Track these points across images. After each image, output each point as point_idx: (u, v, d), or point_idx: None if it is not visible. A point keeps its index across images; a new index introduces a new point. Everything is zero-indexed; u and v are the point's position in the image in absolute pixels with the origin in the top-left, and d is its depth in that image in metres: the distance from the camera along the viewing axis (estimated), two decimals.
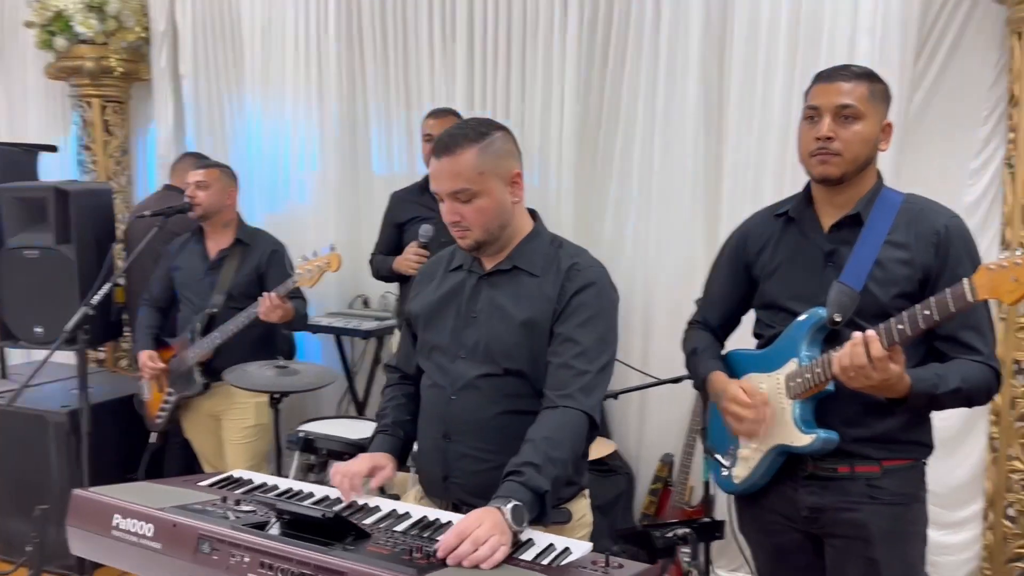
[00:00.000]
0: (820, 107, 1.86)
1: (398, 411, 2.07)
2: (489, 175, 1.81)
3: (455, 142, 1.80)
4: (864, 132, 1.84)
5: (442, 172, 1.82)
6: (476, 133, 1.82)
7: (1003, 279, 1.53)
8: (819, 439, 1.82)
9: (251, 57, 4.47)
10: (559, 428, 1.75)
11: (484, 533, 1.47)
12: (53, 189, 3.70)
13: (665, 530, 2.31)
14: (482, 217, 1.83)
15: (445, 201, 1.84)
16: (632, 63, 3.67)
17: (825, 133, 1.83)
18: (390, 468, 1.92)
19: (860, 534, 1.87)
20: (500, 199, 1.84)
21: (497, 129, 1.86)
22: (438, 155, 1.82)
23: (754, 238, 2.06)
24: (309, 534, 1.52)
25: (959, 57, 3.22)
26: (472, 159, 1.80)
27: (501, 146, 1.84)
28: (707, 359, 2.09)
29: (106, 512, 1.65)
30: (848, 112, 1.83)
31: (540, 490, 1.65)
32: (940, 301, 1.64)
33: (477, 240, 1.86)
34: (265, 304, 3.13)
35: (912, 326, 1.66)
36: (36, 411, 3.68)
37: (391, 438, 2.01)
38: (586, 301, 1.84)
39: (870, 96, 1.84)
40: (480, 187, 1.81)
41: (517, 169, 1.88)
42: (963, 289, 1.60)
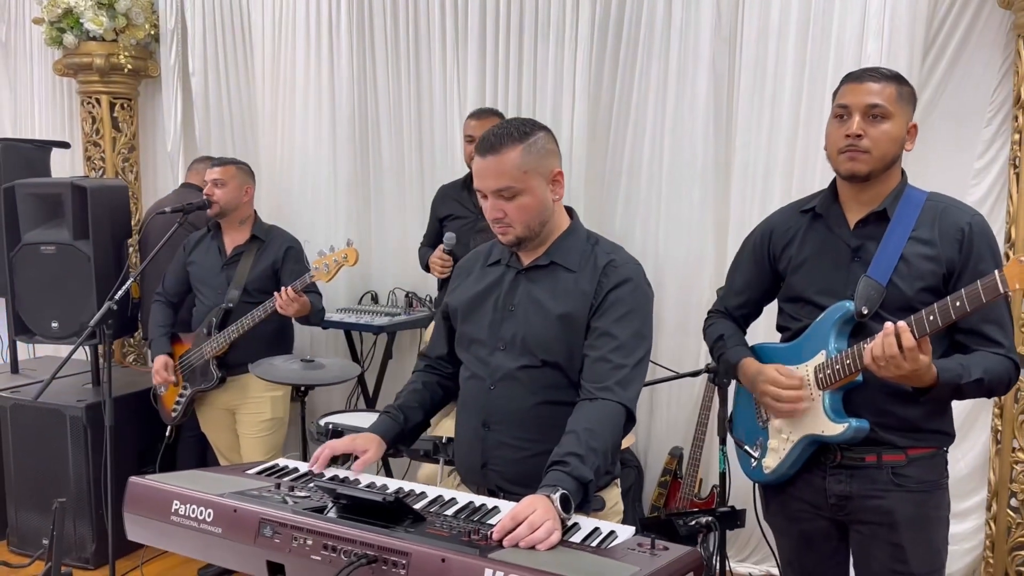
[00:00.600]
0: (850, 106, 1.93)
1: (410, 396, 2.12)
2: (532, 173, 1.87)
3: (500, 141, 1.86)
4: (892, 131, 1.91)
5: (487, 170, 1.87)
6: (520, 132, 1.87)
7: None
8: (851, 428, 1.89)
9: (261, 54, 4.50)
10: (599, 420, 1.81)
11: (539, 517, 1.53)
12: (70, 185, 3.72)
13: (688, 518, 2.37)
14: (524, 214, 1.89)
15: (488, 198, 1.90)
16: (643, 61, 3.74)
17: (855, 131, 1.90)
18: (373, 451, 1.97)
19: (886, 520, 1.94)
20: (542, 197, 1.90)
21: (540, 129, 1.91)
22: (483, 153, 1.87)
23: (779, 233, 2.12)
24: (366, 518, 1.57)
25: (964, 59, 3.31)
26: (516, 158, 1.85)
27: (544, 145, 1.90)
28: (735, 345, 2.16)
29: (165, 499, 1.70)
30: (877, 112, 1.90)
31: (584, 479, 1.71)
32: (971, 292, 1.70)
33: (518, 236, 1.92)
34: (282, 298, 3.17)
35: (944, 317, 1.73)
36: (53, 406, 3.71)
37: (390, 420, 2.06)
38: (623, 297, 1.90)
39: (898, 97, 1.91)
40: (523, 185, 1.86)
41: (558, 168, 1.93)
42: (995, 280, 1.67)
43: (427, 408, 2.15)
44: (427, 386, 2.17)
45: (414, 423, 2.11)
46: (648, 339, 1.93)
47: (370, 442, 2.00)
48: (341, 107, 4.33)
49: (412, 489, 1.84)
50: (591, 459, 1.73)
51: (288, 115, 4.48)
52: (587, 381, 1.86)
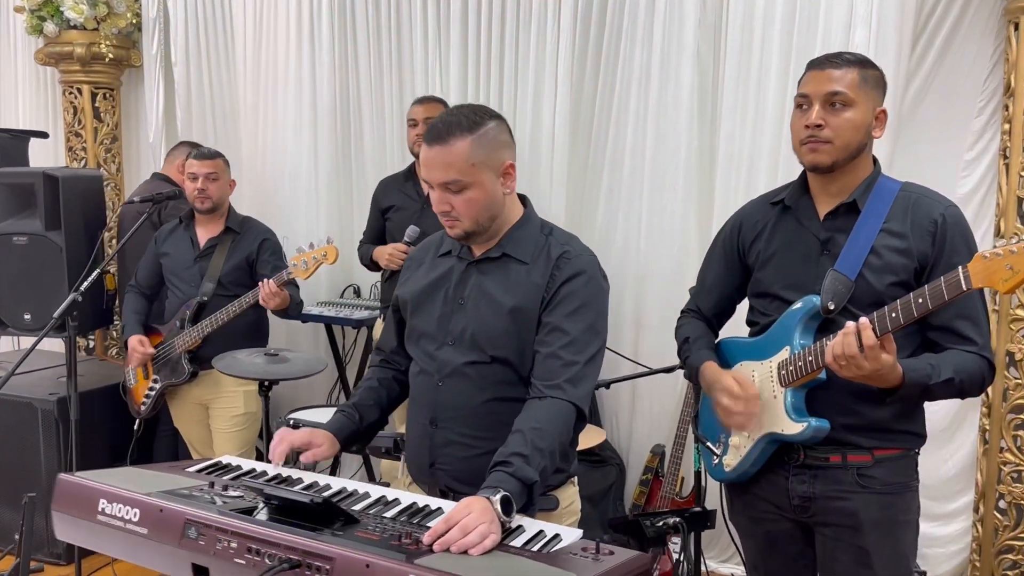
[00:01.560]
0: (810, 95, 1.85)
1: (365, 394, 2.06)
2: (481, 167, 1.78)
3: (448, 131, 1.77)
4: (855, 119, 1.82)
5: (434, 161, 1.78)
6: (470, 122, 1.78)
7: (998, 267, 1.52)
8: (810, 427, 1.81)
9: (243, 44, 4.43)
10: (547, 419, 1.73)
11: (473, 520, 1.45)
12: (42, 175, 3.66)
13: (656, 519, 2.30)
14: (472, 208, 1.80)
15: (435, 190, 1.82)
16: (626, 50, 3.65)
17: (814, 120, 1.82)
18: (325, 448, 1.90)
19: (850, 523, 1.86)
20: (491, 191, 1.81)
21: (491, 118, 1.82)
22: (430, 143, 1.79)
23: (748, 226, 2.04)
24: (297, 519, 1.50)
25: (955, 47, 3.21)
26: (464, 150, 1.76)
27: (495, 136, 1.81)
28: (700, 348, 2.08)
29: (92, 497, 1.63)
30: (838, 99, 1.82)
31: (528, 481, 1.63)
32: (934, 288, 1.63)
33: (466, 231, 1.84)
34: (264, 290, 3.11)
35: (906, 314, 1.65)
36: (24, 399, 3.65)
37: (344, 419, 1.99)
38: (575, 290, 1.82)
39: (861, 82, 1.83)
40: (471, 179, 1.78)
41: (510, 160, 1.84)
42: (958, 277, 1.59)
43: (383, 406, 2.08)
44: (383, 383, 2.10)
45: (369, 422, 2.04)
46: (602, 334, 1.85)
47: (325, 438, 1.93)
48: (322, 98, 4.26)
49: (356, 489, 1.77)
50: (536, 459, 1.65)
51: (270, 106, 4.41)
52: (537, 379, 1.79)
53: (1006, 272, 1.51)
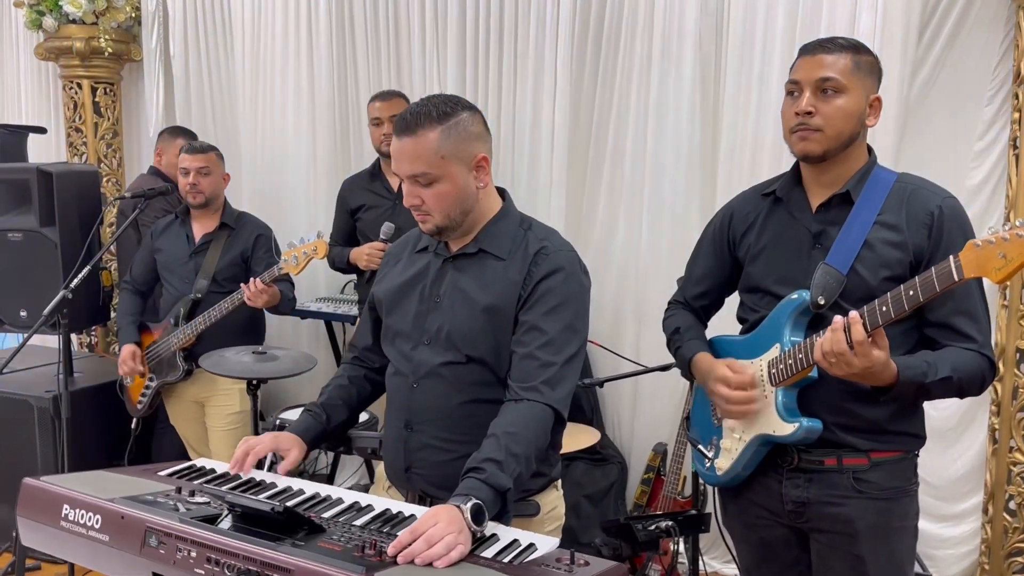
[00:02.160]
0: (801, 81, 1.77)
1: (334, 393, 2.00)
2: (451, 159, 1.71)
3: (417, 122, 1.70)
4: (847, 107, 1.74)
5: (402, 153, 1.72)
6: (440, 113, 1.71)
7: (990, 255, 1.44)
8: (802, 427, 1.74)
9: (241, 37, 4.38)
10: (523, 423, 1.66)
11: (439, 532, 1.39)
12: (36, 170, 3.62)
13: (648, 523, 2.23)
14: (442, 202, 1.74)
15: (405, 183, 1.76)
16: (626, 41, 3.57)
17: (804, 108, 1.74)
18: (294, 455, 1.84)
19: (846, 529, 1.79)
20: (462, 184, 1.74)
21: (464, 109, 1.75)
22: (399, 134, 1.72)
23: (739, 218, 1.97)
24: (262, 528, 1.45)
25: (963, 35, 3.11)
26: (433, 141, 1.69)
27: (466, 128, 1.73)
28: (690, 339, 2.01)
29: (55, 502, 1.59)
30: (829, 85, 1.74)
31: (502, 488, 1.57)
32: (925, 280, 1.55)
33: (438, 225, 1.77)
34: (250, 290, 3.06)
35: (896, 307, 1.57)
36: (21, 396, 3.63)
37: (311, 420, 1.95)
38: (553, 287, 1.75)
39: (854, 68, 1.75)
40: (441, 171, 1.71)
41: (483, 153, 1.77)
42: (949, 267, 1.51)
43: (352, 405, 2.03)
44: (353, 381, 2.04)
45: (337, 422, 1.99)
46: (582, 333, 1.78)
47: (292, 442, 1.88)
48: (320, 91, 4.21)
49: (329, 495, 1.72)
50: (511, 465, 1.59)
51: (268, 99, 4.36)
52: (513, 380, 1.72)
53: (999, 261, 1.42)
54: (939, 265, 1.53)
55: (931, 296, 1.54)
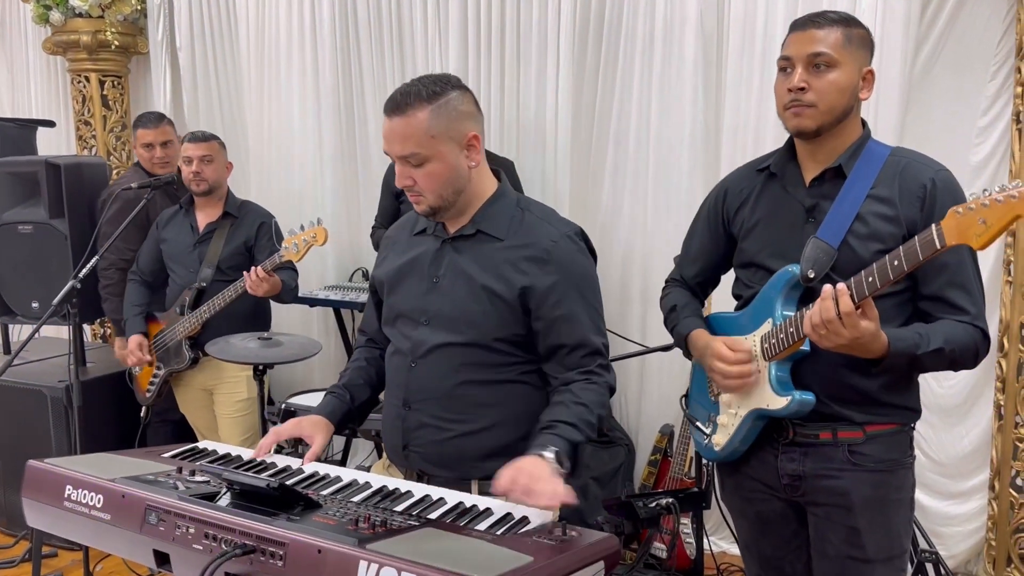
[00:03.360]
0: (792, 57, 1.77)
1: (354, 374, 2.03)
2: (442, 138, 1.72)
3: (407, 101, 1.70)
4: (840, 81, 1.74)
5: (392, 133, 1.73)
6: (429, 92, 1.71)
7: (971, 222, 1.44)
8: (795, 401, 1.74)
9: (246, 28, 4.40)
10: (587, 397, 1.76)
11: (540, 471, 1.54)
12: (44, 163, 3.67)
13: (649, 500, 2.25)
14: (433, 182, 1.75)
15: (397, 164, 1.76)
16: (628, 23, 3.57)
17: (797, 84, 1.74)
18: (320, 439, 1.86)
19: (841, 502, 1.79)
20: (454, 163, 1.75)
21: (454, 88, 1.75)
22: (389, 114, 1.73)
23: (733, 194, 1.97)
24: (260, 505, 1.47)
25: (966, 9, 3.10)
26: (423, 121, 1.70)
27: (456, 107, 1.74)
28: (687, 316, 2.02)
29: (59, 483, 1.62)
30: (821, 60, 1.74)
31: (574, 440, 1.68)
32: (909, 249, 1.55)
33: (431, 206, 1.78)
34: (251, 278, 3.08)
35: (882, 277, 1.57)
36: (34, 386, 3.68)
37: (336, 401, 1.97)
38: (574, 272, 1.80)
39: (845, 42, 1.74)
40: (431, 151, 1.72)
41: (474, 132, 1.77)
42: (931, 235, 1.51)
43: (373, 384, 2.05)
44: (371, 362, 2.07)
45: (361, 401, 2.02)
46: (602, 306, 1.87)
47: (316, 426, 1.90)
48: (325, 80, 4.22)
49: (328, 473, 1.74)
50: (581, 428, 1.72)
51: (273, 89, 4.38)
52: (568, 369, 1.80)
53: (979, 227, 1.42)
54: (922, 233, 1.53)
55: (915, 265, 1.54)
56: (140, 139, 3.71)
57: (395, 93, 1.74)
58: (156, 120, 3.72)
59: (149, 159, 3.66)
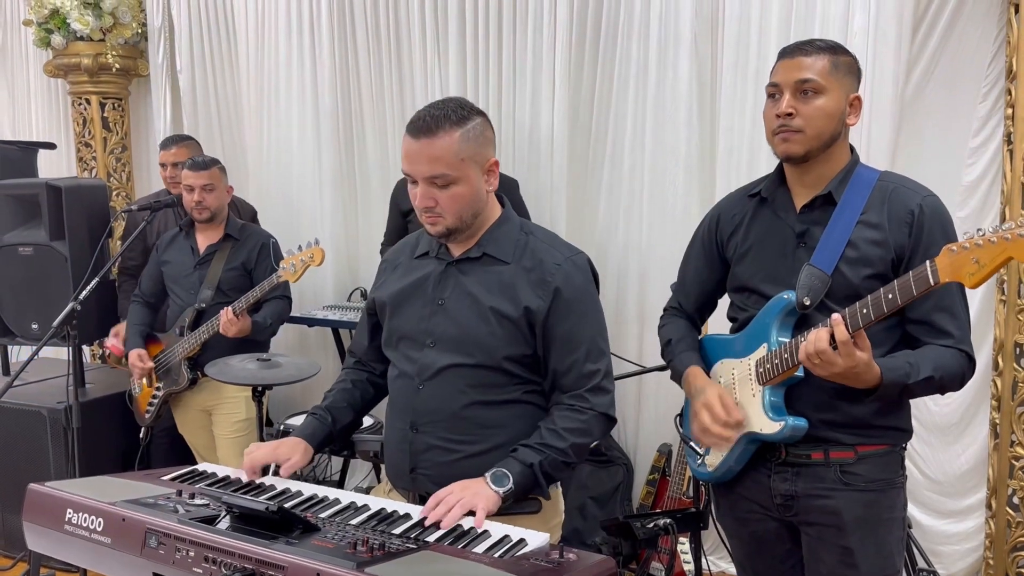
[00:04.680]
0: (780, 83, 1.81)
1: (338, 396, 2.04)
2: (469, 162, 1.75)
3: (437, 124, 1.73)
4: (827, 107, 1.77)
5: (420, 154, 1.74)
6: (458, 116, 1.75)
7: (964, 261, 1.47)
8: (787, 426, 1.77)
9: (245, 49, 4.45)
10: (565, 423, 1.79)
11: (454, 497, 1.63)
12: (45, 185, 3.69)
13: (646, 520, 2.26)
14: (457, 204, 1.77)
15: (419, 184, 1.77)
16: (623, 45, 3.61)
17: (784, 109, 1.77)
18: (298, 457, 1.88)
19: (834, 522, 1.81)
20: (476, 187, 1.78)
21: (477, 114, 1.79)
22: (416, 135, 1.74)
23: (726, 219, 2.00)
24: (259, 528, 1.49)
25: (957, 32, 3.13)
26: (453, 144, 1.73)
27: (481, 132, 1.78)
28: (683, 351, 2.04)
29: (59, 506, 1.63)
30: (808, 87, 1.77)
31: (527, 461, 1.73)
32: (903, 284, 1.58)
33: (448, 227, 1.80)
34: (222, 319, 3.13)
35: (876, 310, 1.61)
36: (33, 407, 3.68)
37: (316, 423, 1.98)
38: (576, 296, 1.82)
39: (832, 69, 1.78)
40: (459, 173, 1.74)
41: (494, 157, 1.82)
42: (925, 272, 1.54)
43: (357, 407, 2.07)
44: (357, 384, 2.08)
45: (343, 424, 2.03)
46: (605, 330, 1.91)
47: (294, 448, 1.91)
48: (324, 102, 4.26)
49: (326, 496, 1.76)
50: (542, 449, 1.76)
51: (273, 110, 4.42)
52: (561, 391, 1.83)
53: (972, 266, 1.45)
54: (916, 270, 1.56)
55: (910, 299, 1.58)
56: (160, 159, 3.76)
57: (423, 115, 1.76)
58: (173, 142, 3.77)
59: (166, 179, 3.70)
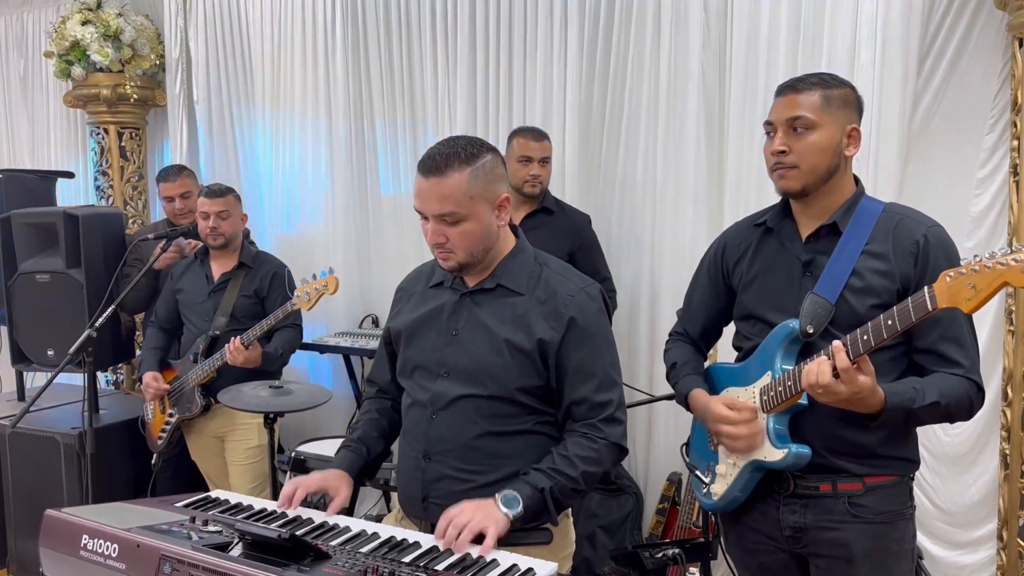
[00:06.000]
0: (774, 122, 1.85)
1: (368, 426, 2.06)
2: (478, 199, 1.78)
3: (446, 163, 1.76)
4: (819, 141, 1.80)
5: (430, 193, 1.78)
6: (468, 154, 1.78)
7: (961, 287, 1.49)
8: (791, 454, 1.78)
9: (261, 81, 4.53)
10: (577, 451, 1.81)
11: (463, 518, 1.65)
12: (63, 213, 3.75)
13: (655, 550, 2.26)
14: (467, 240, 1.80)
15: (430, 221, 1.81)
16: (632, 78, 3.66)
17: (777, 147, 1.81)
18: (344, 492, 1.89)
19: (843, 554, 1.81)
20: (487, 223, 1.82)
21: (488, 151, 1.82)
22: (426, 174, 1.78)
23: (732, 248, 2.03)
24: (271, 555, 1.51)
25: (963, 65, 3.16)
26: (462, 182, 1.76)
27: (491, 169, 1.81)
28: (687, 375, 2.06)
29: (75, 532, 1.66)
30: (800, 123, 1.80)
31: (538, 486, 1.74)
32: (902, 310, 1.60)
33: (460, 263, 1.84)
34: (229, 348, 3.16)
35: (876, 336, 1.62)
36: (48, 432, 3.72)
37: (352, 454, 2.00)
38: (590, 328, 1.85)
39: (823, 104, 1.80)
40: (468, 211, 1.78)
41: (505, 193, 1.85)
42: (924, 298, 1.56)
43: (386, 435, 2.10)
44: (382, 413, 2.11)
45: (376, 453, 2.06)
46: (618, 360, 1.92)
47: (341, 479, 1.93)
48: (337, 131, 4.33)
49: (336, 524, 1.78)
50: (553, 474, 1.78)
51: (288, 139, 4.50)
52: (573, 420, 1.85)
53: (968, 291, 1.47)
54: (915, 295, 1.58)
55: (909, 325, 1.59)
56: (162, 192, 3.84)
57: (432, 154, 1.80)
58: (175, 173, 3.85)
59: (172, 211, 3.78)
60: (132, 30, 4.68)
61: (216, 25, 4.64)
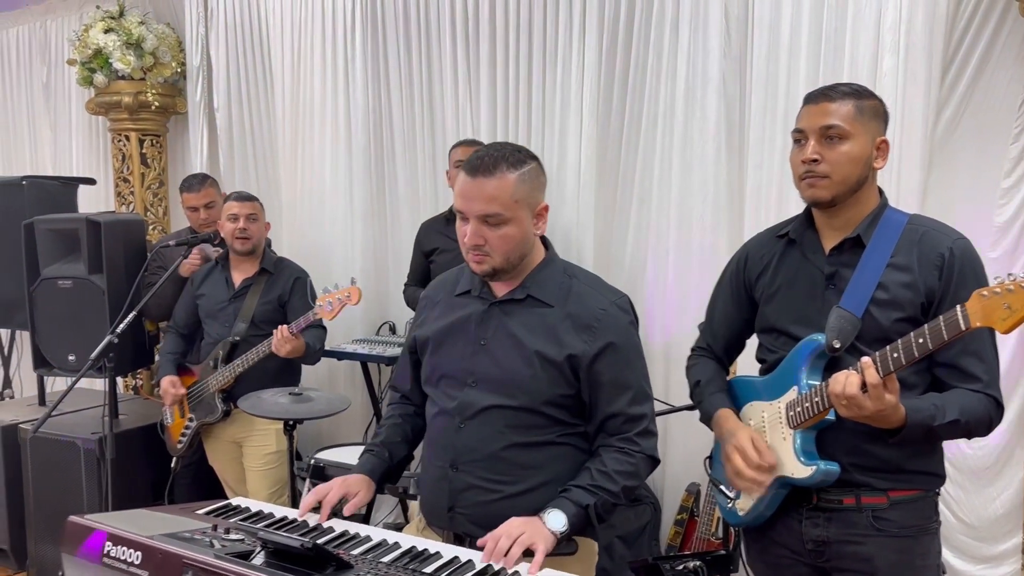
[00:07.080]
0: (805, 129, 1.82)
1: (392, 431, 2.06)
2: (522, 204, 1.79)
3: (495, 164, 1.77)
4: (852, 152, 1.78)
5: (477, 193, 1.77)
6: (516, 159, 1.79)
7: (996, 307, 1.47)
8: (819, 471, 1.76)
9: (281, 90, 4.56)
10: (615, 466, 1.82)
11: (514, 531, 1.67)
12: (85, 220, 3.79)
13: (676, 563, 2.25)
14: (506, 245, 1.80)
15: (470, 222, 1.80)
16: (651, 86, 3.65)
17: (810, 156, 1.79)
18: (363, 494, 1.90)
19: (866, 568, 1.80)
20: (526, 229, 1.82)
21: (532, 159, 1.84)
22: (474, 174, 1.78)
23: (754, 260, 2.01)
24: (293, 564, 1.51)
25: (987, 73, 3.13)
26: (510, 185, 1.77)
27: (536, 176, 1.83)
28: (712, 393, 2.04)
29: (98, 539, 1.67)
30: (833, 132, 1.79)
31: (581, 503, 1.76)
32: (934, 329, 1.58)
33: (495, 267, 1.83)
34: (277, 337, 3.16)
35: (907, 354, 1.61)
36: (68, 438, 3.75)
37: (375, 459, 2.00)
38: (623, 343, 1.85)
39: (856, 114, 1.79)
40: (512, 214, 1.78)
41: (545, 202, 1.86)
42: (956, 316, 1.54)
43: (410, 441, 2.10)
44: (406, 419, 2.11)
45: (399, 458, 2.07)
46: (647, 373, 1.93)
47: (360, 483, 1.94)
48: (357, 141, 4.34)
49: (357, 533, 1.78)
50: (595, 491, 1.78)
51: (307, 148, 4.52)
52: (608, 434, 1.85)
53: (1004, 311, 1.45)
54: (947, 314, 1.56)
55: (940, 344, 1.58)
56: (185, 202, 3.86)
57: (481, 155, 1.80)
58: (199, 183, 3.87)
59: (195, 220, 3.80)
60: (154, 38, 4.72)
61: (237, 33, 4.67)
